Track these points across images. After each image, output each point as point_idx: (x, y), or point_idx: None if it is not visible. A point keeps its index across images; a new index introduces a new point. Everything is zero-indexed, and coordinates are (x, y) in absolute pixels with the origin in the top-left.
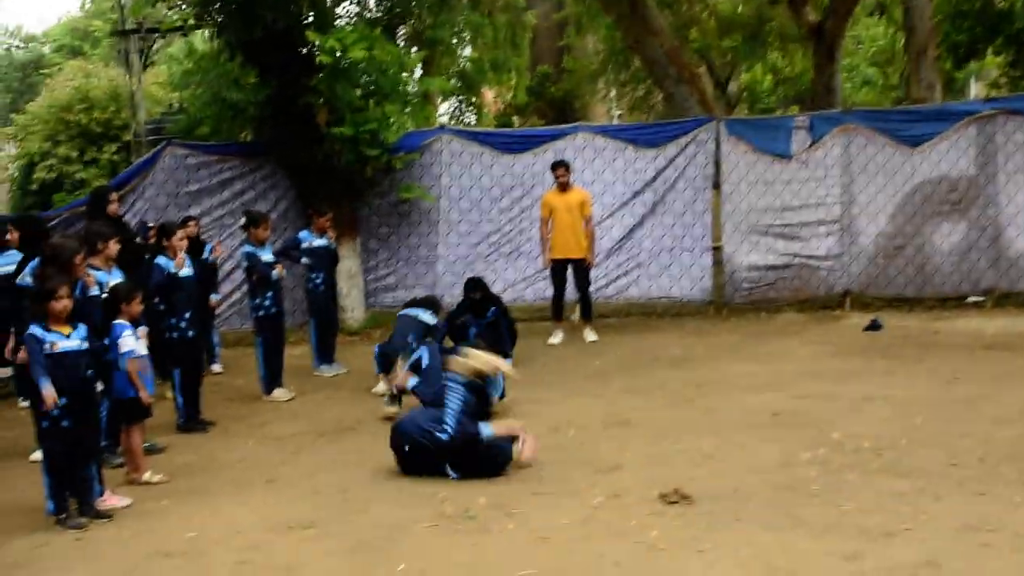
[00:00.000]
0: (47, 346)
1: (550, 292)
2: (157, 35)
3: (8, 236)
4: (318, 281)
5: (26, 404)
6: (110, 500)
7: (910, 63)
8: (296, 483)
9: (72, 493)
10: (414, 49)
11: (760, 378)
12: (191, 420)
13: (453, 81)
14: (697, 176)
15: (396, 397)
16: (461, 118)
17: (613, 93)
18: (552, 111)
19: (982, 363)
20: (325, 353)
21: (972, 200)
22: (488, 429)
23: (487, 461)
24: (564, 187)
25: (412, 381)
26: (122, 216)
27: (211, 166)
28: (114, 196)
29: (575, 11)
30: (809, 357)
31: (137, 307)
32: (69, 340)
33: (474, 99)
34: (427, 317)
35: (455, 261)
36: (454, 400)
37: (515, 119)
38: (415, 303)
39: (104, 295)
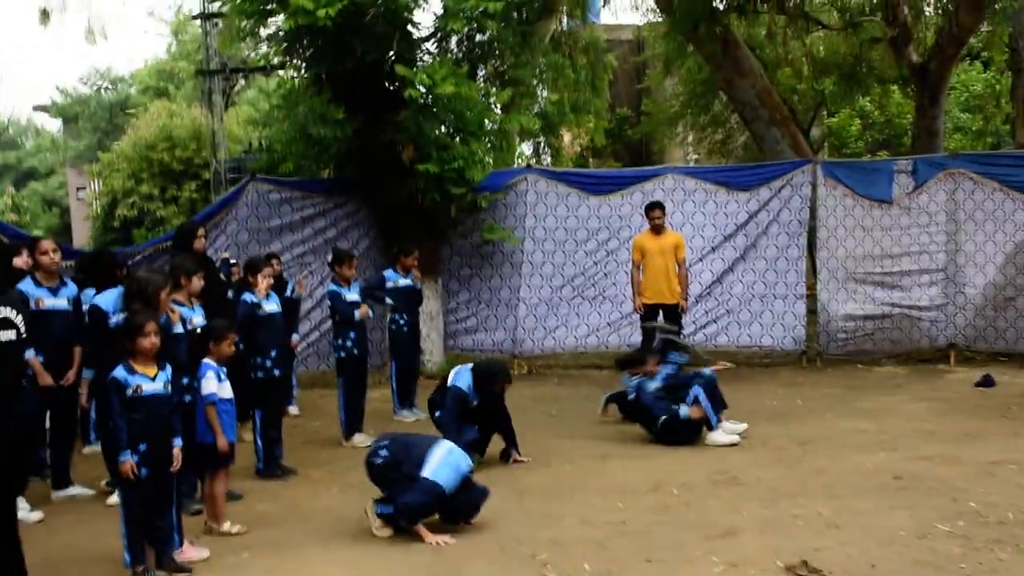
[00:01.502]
0: (131, 390)
1: (636, 338)
2: (240, 74)
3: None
4: (401, 322)
5: (89, 451)
6: (188, 552)
7: (1017, 106)
8: (386, 538)
9: (150, 543)
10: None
11: (870, 436)
12: (270, 465)
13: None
14: (791, 220)
15: None
16: (540, 159)
17: (691, 137)
18: (628, 154)
19: None
20: (406, 397)
21: None
22: None
23: None
24: (658, 230)
25: None
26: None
27: (294, 202)
28: (201, 231)
29: (664, 50)
30: (920, 414)
31: (228, 348)
32: (155, 382)
33: (553, 140)
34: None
35: (537, 304)
36: None
37: (591, 161)
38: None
39: (188, 331)
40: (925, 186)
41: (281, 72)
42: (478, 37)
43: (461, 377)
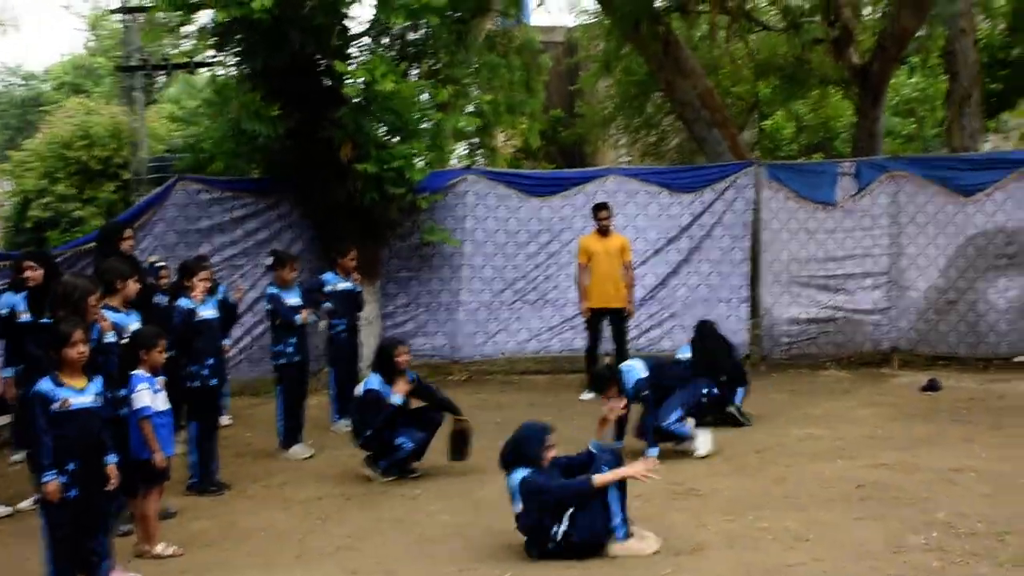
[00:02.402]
0: (57, 404)
1: (579, 343)
2: (163, 71)
3: (28, 273)
4: (340, 327)
5: (19, 458)
6: None
7: (952, 110)
8: (330, 558)
9: (78, 569)
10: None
11: (824, 443)
12: (205, 480)
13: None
14: (735, 223)
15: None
16: (473, 160)
17: (623, 139)
18: (561, 156)
19: None
20: (345, 406)
21: None
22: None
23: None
24: (605, 231)
25: None
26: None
27: (224, 202)
28: (129, 232)
29: (604, 50)
30: (871, 420)
31: (159, 356)
32: (84, 395)
33: (488, 141)
34: None
35: (477, 308)
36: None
37: (524, 163)
38: None
39: (121, 341)
40: (868, 189)
41: (205, 69)
42: (410, 35)
43: (367, 381)
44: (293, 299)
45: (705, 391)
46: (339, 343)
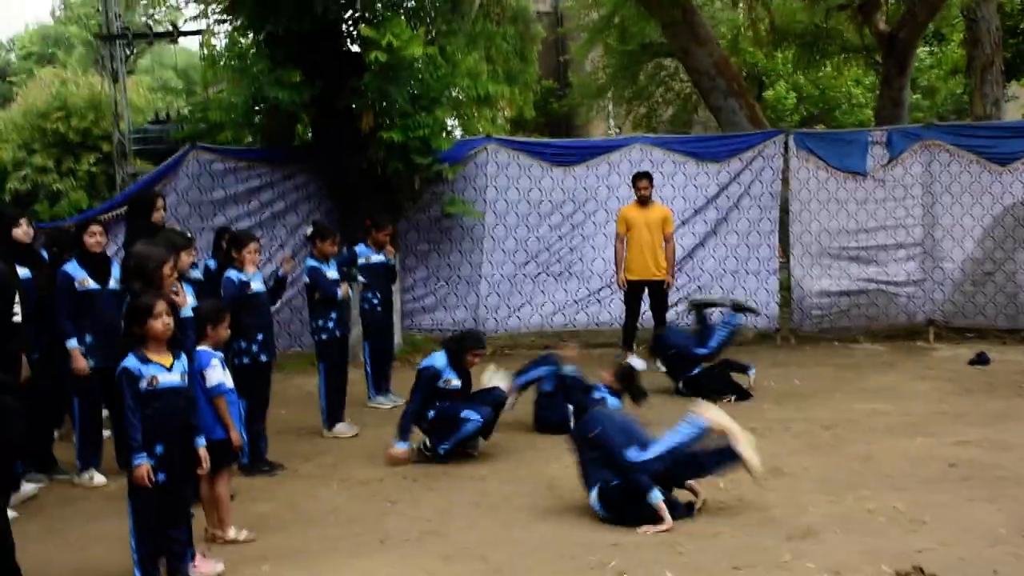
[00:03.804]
0: (144, 382)
1: (605, 316)
2: (145, 40)
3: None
4: (375, 301)
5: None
6: (202, 566)
7: (974, 78)
8: (415, 544)
9: (162, 557)
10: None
11: (893, 418)
12: (256, 461)
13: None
14: (763, 193)
15: None
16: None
17: (612, 111)
18: (550, 128)
19: None
20: (381, 381)
21: None
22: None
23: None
24: (645, 201)
25: None
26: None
27: (239, 172)
28: (161, 202)
29: (623, 14)
30: (932, 395)
31: (224, 331)
32: (171, 373)
33: (490, 112)
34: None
35: (500, 281)
36: None
37: (517, 134)
38: None
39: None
40: (900, 158)
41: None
42: (407, 3)
43: (432, 356)
44: (332, 273)
45: None
46: (374, 317)
